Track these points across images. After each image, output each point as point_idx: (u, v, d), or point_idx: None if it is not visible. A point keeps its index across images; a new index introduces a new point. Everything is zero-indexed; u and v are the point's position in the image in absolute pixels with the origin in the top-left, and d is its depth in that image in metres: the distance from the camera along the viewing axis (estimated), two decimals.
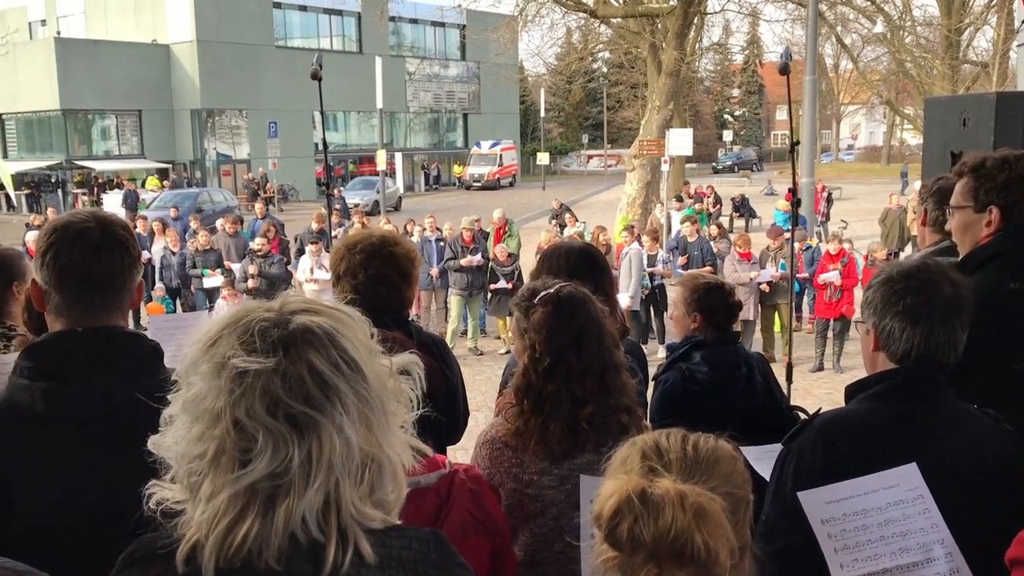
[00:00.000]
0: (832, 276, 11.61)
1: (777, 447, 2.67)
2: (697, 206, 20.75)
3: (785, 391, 4.02)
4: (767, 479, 2.56)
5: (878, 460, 1.89)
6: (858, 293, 12.51)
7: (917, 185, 22.70)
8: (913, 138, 70.22)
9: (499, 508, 2.18)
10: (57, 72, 38.15)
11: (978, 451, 2.00)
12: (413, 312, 10.82)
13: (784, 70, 4.32)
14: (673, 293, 3.41)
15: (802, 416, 3.33)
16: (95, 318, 1.87)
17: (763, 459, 2.35)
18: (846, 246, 12.16)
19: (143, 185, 37.74)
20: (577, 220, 17.44)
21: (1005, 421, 2.07)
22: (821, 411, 2.10)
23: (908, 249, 18.25)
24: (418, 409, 1.29)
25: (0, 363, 2.38)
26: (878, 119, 73.93)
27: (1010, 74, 28.82)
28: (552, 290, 2.33)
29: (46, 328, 2.23)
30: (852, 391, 2.11)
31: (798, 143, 4.84)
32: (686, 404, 2.93)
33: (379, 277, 2.79)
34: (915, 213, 17.12)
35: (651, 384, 3.24)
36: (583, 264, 2.96)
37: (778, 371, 4.18)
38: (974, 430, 2.04)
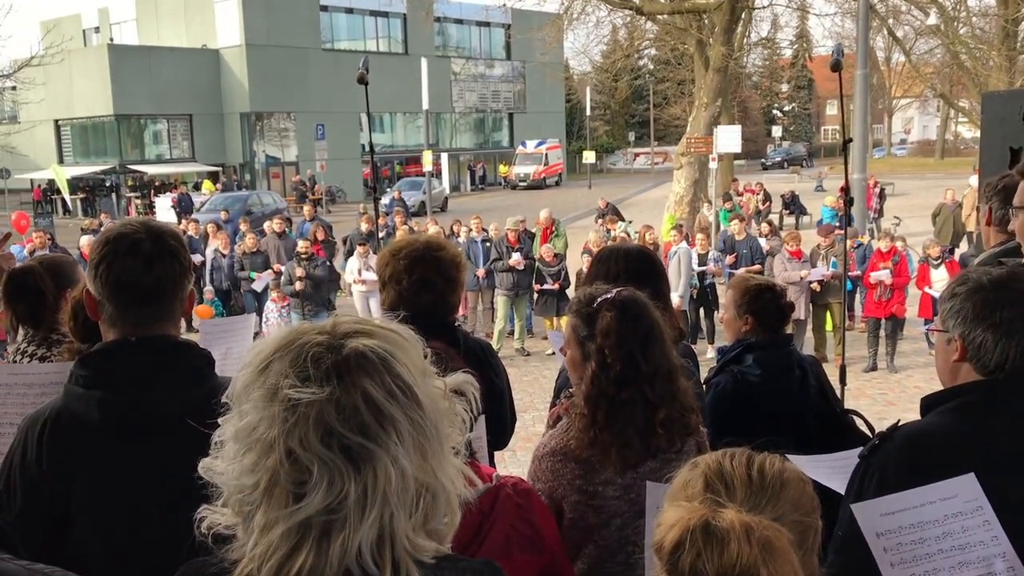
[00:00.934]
0: (883, 275, 11.37)
1: (843, 456, 2.60)
2: (727, 204, 20.48)
3: (838, 392, 3.94)
4: (835, 490, 2.50)
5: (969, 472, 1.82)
6: (911, 292, 12.29)
7: (973, 181, 22.34)
8: (968, 132, 68.85)
9: (551, 524, 2.11)
10: (111, 78, 38.93)
11: None
12: (460, 313, 10.82)
13: (836, 67, 4.22)
14: (725, 293, 3.34)
15: (857, 419, 3.25)
16: (148, 327, 1.90)
17: (831, 470, 2.29)
18: (898, 244, 11.90)
19: (196, 188, 38.37)
20: (619, 220, 17.24)
21: None
22: (900, 424, 2.02)
23: (963, 245, 17.86)
24: (471, 430, 1.26)
25: (39, 372, 2.41)
26: (931, 113, 72.56)
27: None
28: (612, 294, 2.28)
29: (92, 335, 2.26)
30: (931, 403, 2.02)
31: (850, 140, 4.73)
32: (739, 407, 2.87)
33: (423, 282, 2.77)
34: (971, 209, 16.76)
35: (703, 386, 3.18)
36: (640, 267, 2.91)
37: (830, 371, 4.09)
38: None
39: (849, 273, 11.93)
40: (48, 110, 39.54)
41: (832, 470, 2.36)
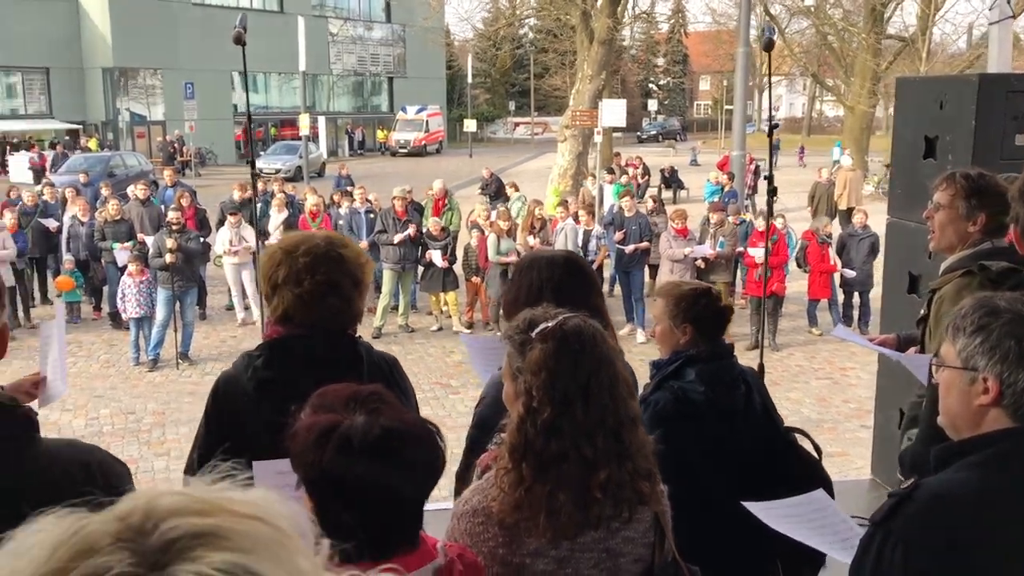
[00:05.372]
0: (758, 253, 11.43)
1: (806, 502, 2.34)
2: (624, 179, 20.51)
3: None
4: (791, 536, 2.22)
5: (1011, 539, 1.56)
6: (790, 269, 12.46)
7: (846, 161, 23.01)
8: (831, 110, 71.52)
9: None
10: None
11: None
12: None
13: (768, 46, 3.96)
14: (654, 306, 3.00)
15: (797, 436, 3.00)
16: None
17: (794, 520, 2.01)
18: (777, 222, 11.99)
19: (75, 148, 35.82)
20: (518, 190, 16.88)
21: None
22: (917, 483, 1.70)
23: (836, 225, 18.35)
24: None
25: None
26: (798, 91, 74.96)
27: (937, 51, 29.29)
28: (554, 322, 1.87)
29: None
30: (949, 455, 1.72)
31: (777, 125, 4.52)
32: (679, 428, 2.55)
33: (330, 284, 2.32)
34: (843, 188, 17.28)
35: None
36: (569, 277, 2.52)
37: None
38: None
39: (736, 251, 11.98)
40: None
41: (795, 519, 2.07)
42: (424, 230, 12.30)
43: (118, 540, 0.61)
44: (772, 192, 4.35)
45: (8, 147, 36.71)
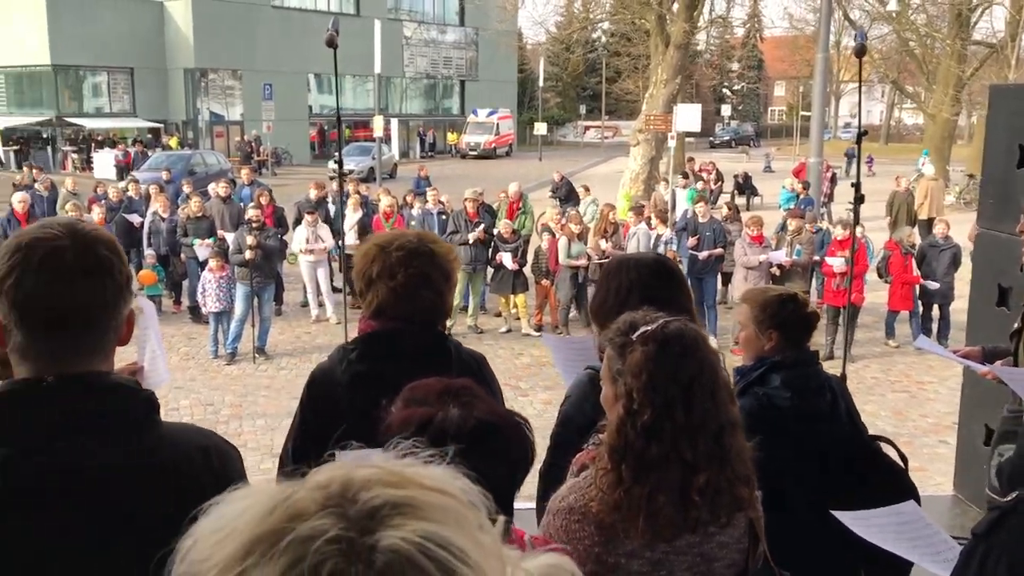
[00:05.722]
0: (837, 263, 11.22)
1: (896, 512, 2.30)
2: (699, 185, 20.32)
3: None
4: (882, 546, 2.19)
5: None
6: (870, 279, 12.20)
7: (928, 170, 22.43)
8: (911, 118, 69.79)
9: None
10: (48, 26, 37.25)
11: None
12: None
13: (861, 51, 3.89)
14: (739, 311, 2.97)
15: (884, 445, 2.95)
16: (70, 363, 1.44)
17: (885, 530, 1.98)
18: (857, 231, 11.74)
19: (155, 146, 36.96)
20: (590, 192, 16.79)
21: None
22: (1021, 496, 1.67)
23: (916, 236, 17.91)
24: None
25: None
26: (876, 98, 73.36)
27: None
28: (655, 326, 1.88)
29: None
30: None
31: (865, 133, 4.44)
32: (764, 435, 2.52)
33: (422, 278, 2.37)
34: (923, 198, 16.84)
35: None
36: (657, 279, 2.51)
37: None
38: None
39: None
40: None
41: (886, 529, 2.05)
42: (495, 232, 12.35)
43: (325, 507, 0.67)
44: (859, 200, 4.26)
45: (93, 144, 37.94)
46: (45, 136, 39.59)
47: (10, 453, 1.36)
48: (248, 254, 10.42)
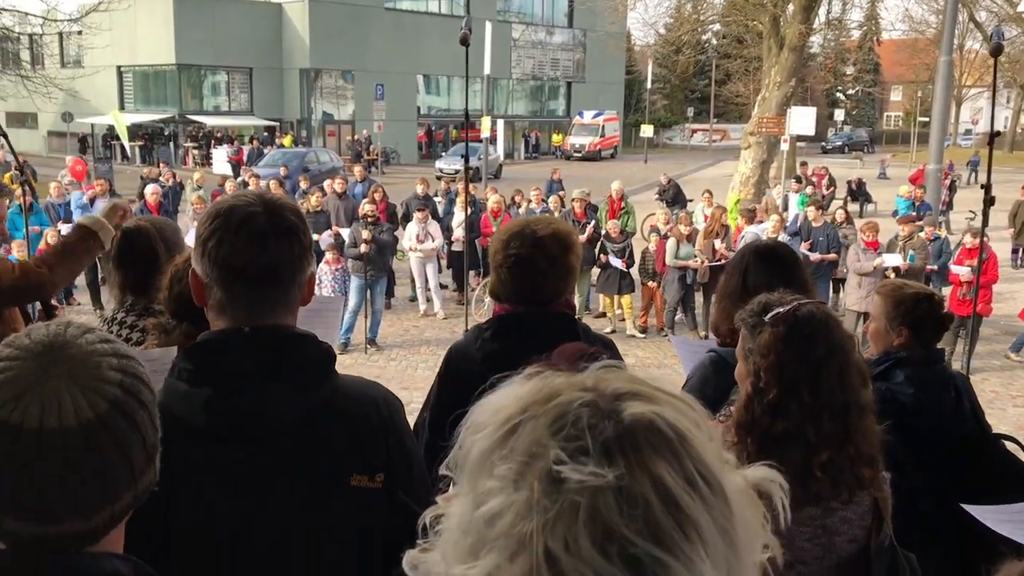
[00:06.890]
0: (964, 271, 10.85)
1: (1019, 507, 2.28)
2: (809, 190, 19.89)
3: None
4: (1015, 539, 2.18)
5: None
6: (996, 289, 11.76)
7: None
8: None
9: None
10: (174, 27, 38.97)
11: None
12: None
13: (997, 51, 3.81)
14: (871, 304, 2.97)
15: (1009, 444, 2.90)
16: (262, 316, 1.60)
17: (1006, 521, 1.98)
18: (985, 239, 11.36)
19: (251, 141, 38.39)
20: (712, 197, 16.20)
21: None
22: None
23: None
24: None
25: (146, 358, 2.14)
26: (1001, 103, 70.26)
27: None
28: (787, 308, 1.93)
29: (186, 310, 2.01)
30: None
31: (999, 133, 4.32)
32: (887, 428, 2.53)
33: (549, 261, 2.48)
34: None
35: None
36: (757, 260, 2.61)
37: None
38: None
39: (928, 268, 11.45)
40: (112, 56, 39.72)
41: (1020, 523, 2.03)
42: (603, 232, 12.38)
43: (580, 389, 0.82)
44: (990, 202, 4.14)
45: (213, 140, 39.50)
46: (167, 132, 41.41)
47: (213, 393, 1.53)
48: (363, 248, 10.73)
